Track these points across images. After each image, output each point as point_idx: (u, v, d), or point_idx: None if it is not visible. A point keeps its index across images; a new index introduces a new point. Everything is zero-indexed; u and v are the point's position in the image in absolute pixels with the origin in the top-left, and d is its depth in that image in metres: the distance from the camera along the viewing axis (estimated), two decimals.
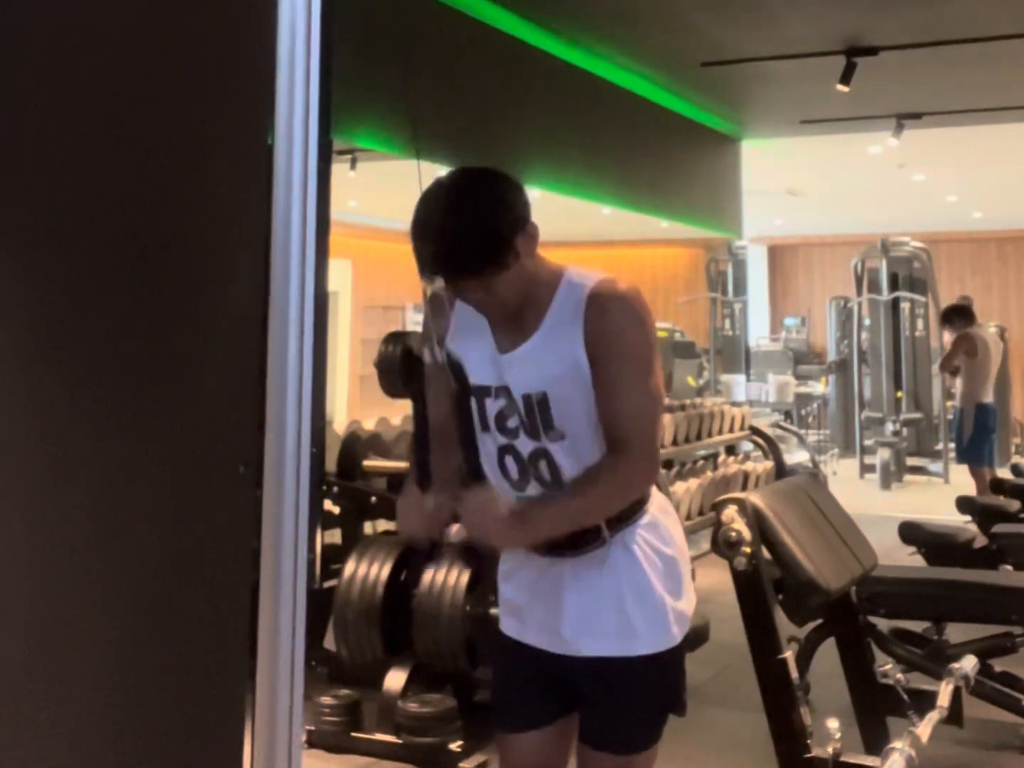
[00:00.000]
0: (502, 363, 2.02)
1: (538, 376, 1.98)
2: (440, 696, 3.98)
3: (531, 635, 2.11)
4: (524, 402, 1.99)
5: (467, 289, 1.96)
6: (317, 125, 1.75)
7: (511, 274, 1.93)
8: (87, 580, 1.59)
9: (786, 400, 13.83)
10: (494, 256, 1.90)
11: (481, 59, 6.30)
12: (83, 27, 1.61)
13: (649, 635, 2.03)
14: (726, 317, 14.44)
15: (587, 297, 1.96)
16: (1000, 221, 15.18)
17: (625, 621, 2.02)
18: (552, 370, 1.97)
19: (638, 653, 2.02)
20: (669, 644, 2.05)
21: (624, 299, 1.96)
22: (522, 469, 2.04)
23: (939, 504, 8.50)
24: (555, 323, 1.98)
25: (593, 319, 1.95)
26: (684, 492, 7.15)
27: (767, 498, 3.32)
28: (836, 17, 6.40)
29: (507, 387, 2.01)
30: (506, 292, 1.95)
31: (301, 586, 1.72)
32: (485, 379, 2.03)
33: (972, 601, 3.92)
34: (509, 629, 2.17)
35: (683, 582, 2.10)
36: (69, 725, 1.57)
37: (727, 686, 4.54)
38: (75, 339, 1.59)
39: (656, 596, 2.03)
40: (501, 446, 2.04)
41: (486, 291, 1.94)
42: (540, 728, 2.14)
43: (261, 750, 1.69)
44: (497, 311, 2.00)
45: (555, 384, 1.97)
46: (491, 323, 2.04)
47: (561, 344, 1.97)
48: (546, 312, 1.99)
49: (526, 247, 1.94)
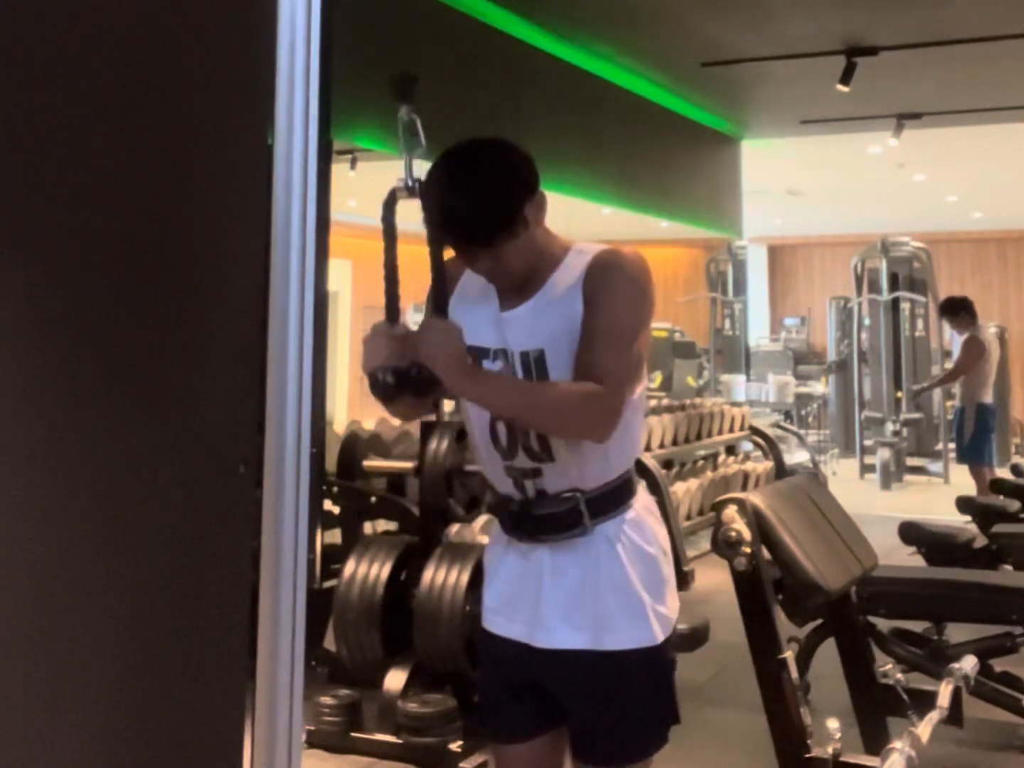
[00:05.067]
0: (503, 322, 2.03)
1: (537, 333, 1.99)
2: (440, 696, 3.98)
3: (514, 628, 2.09)
4: (522, 360, 2.00)
5: (477, 257, 1.97)
6: (317, 125, 1.75)
7: (520, 243, 1.95)
8: (87, 580, 1.59)
9: (786, 400, 13.83)
10: (504, 224, 1.91)
11: (481, 59, 6.30)
12: (82, 27, 1.61)
13: (626, 630, 2.01)
14: (726, 317, 14.43)
15: (591, 259, 1.99)
16: (1000, 221, 15.19)
17: (602, 615, 2.00)
18: (550, 327, 1.98)
19: (614, 648, 2.00)
20: (648, 642, 2.02)
21: (624, 260, 1.99)
22: (512, 437, 2.03)
23: (939, 504, 8.50)
24: (558, 284, 2.00)
25: (591, 276, 1.97)
26: (684, 492, 7.15)
27: (767, 498, 3.32)
28: (836, 17, 6.41)
29: (505, 349, 2.02)
30: (515, 260, 1.96)
31: (301, 586, 1.72)
32: (484, 341, 2.03)
33: (972, 601, 3.92)
34: (493, 625, 2.15)
35: (665, 584, 2.08)
36: (69, 725, 1.57)
37: (727, 686, 4.54)
38: (74, 339, 1.59)
39: (635, 592, 2.02)
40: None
41: (495, 259, 1.96)
42: (530, 739, 2.12)
43: (261, 750, 1.69)
44: (505, 279, 2.01)
45: (553, 341, 1.98)
46: (498, 290, 2.05)
47: (562, 303, 1.98)
48: (551, 275, 2.01)
49: (535, 215, 1.97)
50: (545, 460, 2.02)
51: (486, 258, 1.96)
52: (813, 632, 4.13)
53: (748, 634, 3.21)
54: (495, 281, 2.03)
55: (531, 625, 2.06)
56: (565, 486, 2.03)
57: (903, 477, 11.63)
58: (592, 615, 2.01)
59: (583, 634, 2.01)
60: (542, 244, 2.01)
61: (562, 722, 2.11)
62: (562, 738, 2.13)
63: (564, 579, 2.03)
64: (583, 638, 2.01)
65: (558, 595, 2.03)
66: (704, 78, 7.71)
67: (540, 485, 2.05)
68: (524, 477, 2.05)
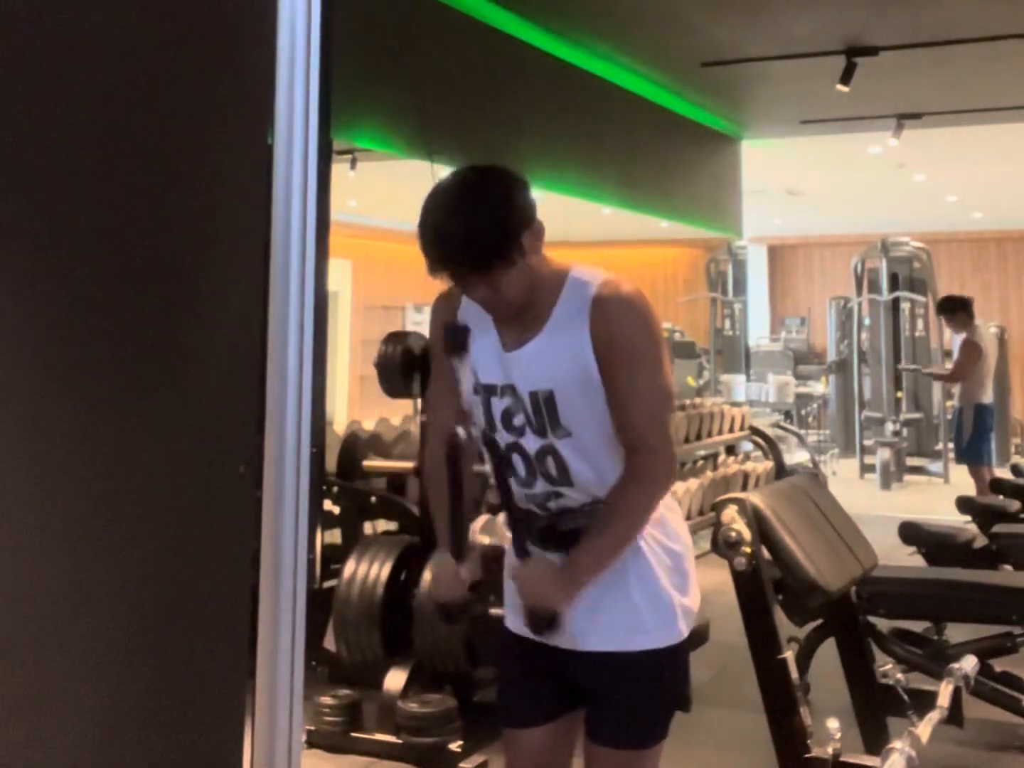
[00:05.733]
0: (507, 361, 2.03)
1: (545, 374, 2.00)
2: (440, 696, 3.98)
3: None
4: (531, 400, 2.01)
5: (473, 286, 1.97)
6: (317, 125, 1.75)
7: (517, 272, 1.95)
8: (87, 580, 1.59)
9: (786, 400, 13.82)
10: (501, 253, 1.91)
11: (481, 59, 6.30)
12: (82, 27, 1.61)
13: (656, 631, 2.05)
14: (726, 317, 14.44)
15: (592, 299, 1.98)
16: (1000, 221, 15.17)
17: (632, 617, 2.04)
18: (558, 369, 1.99)
19: (643, 648, 2.04)
20: (675, 640, 2.06)
21: (629, 302, 1.99)
22: (529, 466, 2.06)
23: (939, 504, 8.50)
24: (560, 322, 2.00)
25: (599, 323, 1.97)
26: (684, 492, 7.14)
27: (767, 498, 3.32)
28: (836, 17, 6.40)
29: (513, 385, 2.03)
30: (512, 290, 1.96)
31: (301, 586, 1.72)
32: (491, 378, 2.05)
33: (972, 601, 3.92)
34: (515, 626, 2.17)
35: (689, 578, 2.12)
36: (69, 725, 1.57)
37: (727, 686, 4.54)
38: (73, 340, 1.59)
39: (664, 592, 2.05)
40: (508, 444, 2.06)
41: (492, 289, 1.96)
42: (545, 724, 2.15)
43: (261, 750, 1.69)
44: (502, 309, 2.01)
45: (562, 382, 1.99)
46: (496, 321, 2.05)
47: (567, 343, 1.98)
48: (551, 311, 2.01)
49: (532, 245, 1.96)
50: (564, 484, 2.05)
51: (482, 287, 1.96)
52: (813, 632, 4.13)
53: (748, 634, 3.21)
54: (492, 310, 2.03)
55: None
56: (587, 499, 2.06)
57: (903, 477, 11.63)
58: (621, 617, 2.04)
59: (611, 636, 2.04)
60: (539, 273, 2.01)
61: (577, 707, 2.14)
62: (575, 723, 2.16)
63: (592, 583, 2.04)
64: (612, 640, 2.05)
65: (587, 599, 2.03)
66: (704, 78, 7.71)
67: (563, 504, 2.07)
68: (547, 500, 2.08)
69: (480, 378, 2.05)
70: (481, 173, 1.98)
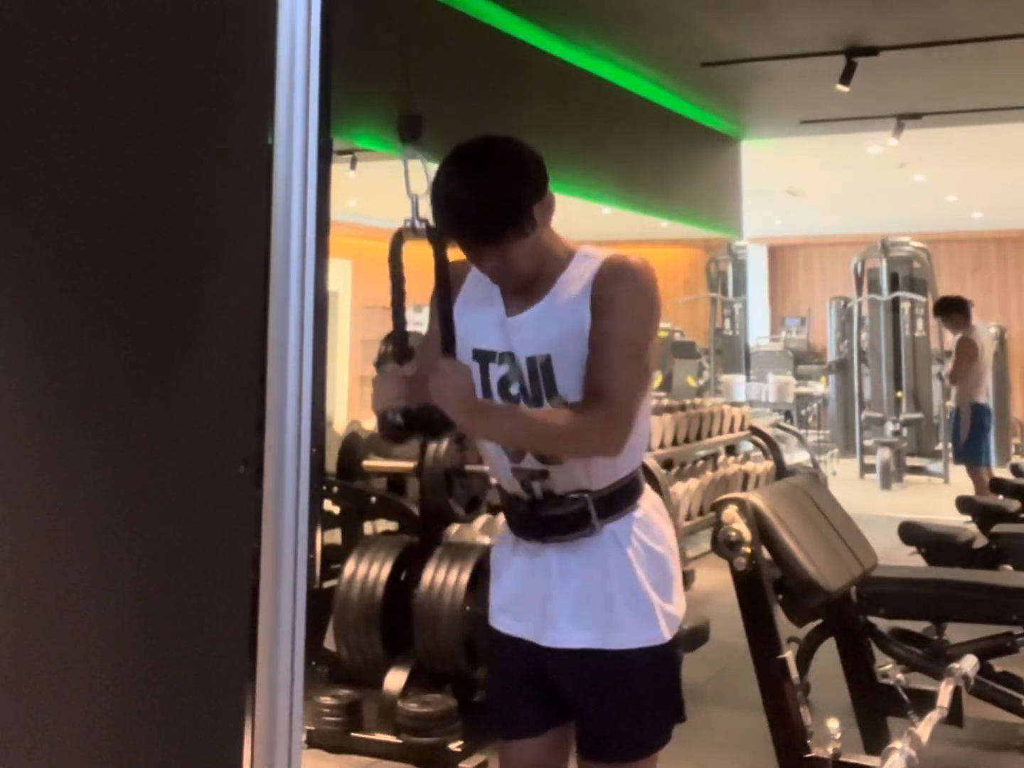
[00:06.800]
0: (509, 326, 2.03)
1: (544, 339, 1.99)
2: (440, 696, 3.98)
3: (522, 627, 2.10)
4: (528, 365, 2.01)
5: (484, 256, 1.97)
6: (317, 125, 1.75)
7: (528, 243, 1.95)
8: (87, 580, 1.59)
9: (786, 400, 13.82)
10: (513, 223, 1.91)
11: (481, 59, 6.30)
12: (82, 27, 1.61)
13: (633, 629, 2.01)
14: (726, 317, 14.44)
15: (598, 267, 1.99)
16: (1000, 221, 15.17)
17: (610, 614, 2.01)
18: (557, 333, 1.98)
19: (621, 647, 2.01)
20: (655, 641, 2.03)
21: (632, 269, 1.98)
22: None
23: (939, 504, 8.50)
24: (564, 289, 2.00)
25: (600, 286, 1.97)
26: (684, 492, 7.14)
27: (767, 498, 3.33)
28: (836, 17, 6.40)
29: (512, 352, 2.03)
30: (522, 261, 1.97)
31: (301, 586, 1.72)
32: (491, 344, 2.04)
33: (972, 601, 3.92)
34: (501, 624, 2.16)
35: (672, 583, 2.09)
36: (68, 725, 1.57)
37: (727, 686, 4.54)
38: (73, 339, 1.59)
39: (643, 591, 2.02)
40: None
41: (502, 259, 1.96)
42: (536, 735, 2.13)
43: (261, 750, 1.69)
44: (511, 280, 2.01)
45: (560, 347, 1.98)
46: (503, 292, 2.05)
47: (568, 309, 1.98)
48: (556, 280, 2.01)
49: (543, 216, 1.97)
50: (553, 462, 2.03)
51: (493, 257, 1.96)
52: (813, 632, 4.13)
53: (748, 634, 3.22)
54: (500, 282, 2.03)
55: (539, 624, 2.07)
56: (573, 487, 2.04)
57: (903, 477, 11.64)
58: (600, 614, 2.02)
59: (591, 633, 2.02)
60: (548, 246, 2.01)
61: (568, 719, 2.12)
62: (568, 735, 2.14)
63: (572, 579, 2.04)
64: (591, 637, 2.02)
65: (566, 594, 2.03)
66: (704, 78, 7.70)
67: (548, 486, 2.05)
68: (532, 479, 2.06)
69: (478, 345, 2.04)
70: (494, 143, 1.99)
